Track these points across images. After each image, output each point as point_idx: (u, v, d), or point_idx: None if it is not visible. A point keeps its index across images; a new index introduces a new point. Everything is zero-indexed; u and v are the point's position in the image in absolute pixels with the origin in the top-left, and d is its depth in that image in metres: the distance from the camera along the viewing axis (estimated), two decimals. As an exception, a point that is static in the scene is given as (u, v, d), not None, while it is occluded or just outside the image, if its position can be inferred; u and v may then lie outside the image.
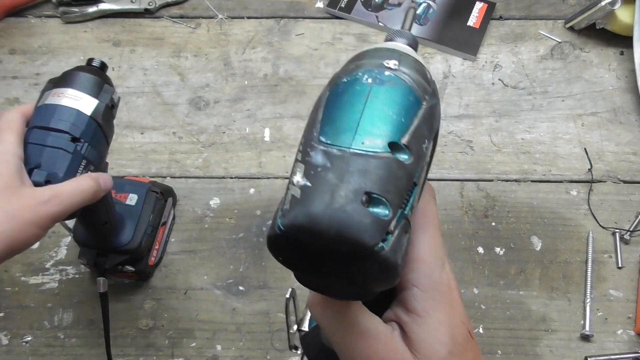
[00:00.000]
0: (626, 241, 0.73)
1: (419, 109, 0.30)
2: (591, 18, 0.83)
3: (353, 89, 0.30)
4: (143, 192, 0.69)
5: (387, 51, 0.31)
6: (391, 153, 0.27)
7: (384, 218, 0.26)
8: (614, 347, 0.68)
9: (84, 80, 0.52)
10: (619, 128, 0.80)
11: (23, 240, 0.46)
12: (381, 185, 0.27)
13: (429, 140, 0.30)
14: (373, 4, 0.89)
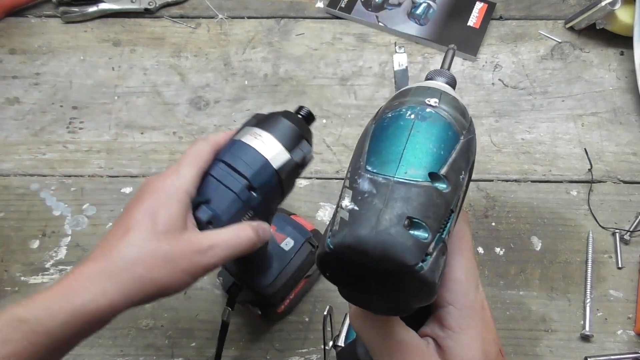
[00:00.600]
0: (626, 241, 0.73)
1: (457, 143, 0.33)
2: (591, 18, 0.83)
3: (397, 124, 0.33)
4: (300, 242, 0.65)
5: (428, 90, 0.35)
6: (431, 182, 0.30)
7: (424, 241, 0.29)
8: (613, 348, 0.68)
9: (286, 130, 0.50)
10: (619, 128, 0.80)
11: (174, 286, 0.44)
12: (421, 210, 0.30)
13: (465, 171, 0.33)
14: (373, 4, 0.89)
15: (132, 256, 0.42)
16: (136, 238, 0.43)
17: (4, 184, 0.78)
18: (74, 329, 0.40)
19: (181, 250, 0.43)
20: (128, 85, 0.84)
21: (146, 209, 0.44)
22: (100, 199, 0.77)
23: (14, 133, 0.81)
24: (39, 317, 0.39)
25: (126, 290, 0.41)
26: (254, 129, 0.50)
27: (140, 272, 0.42)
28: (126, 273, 0.42)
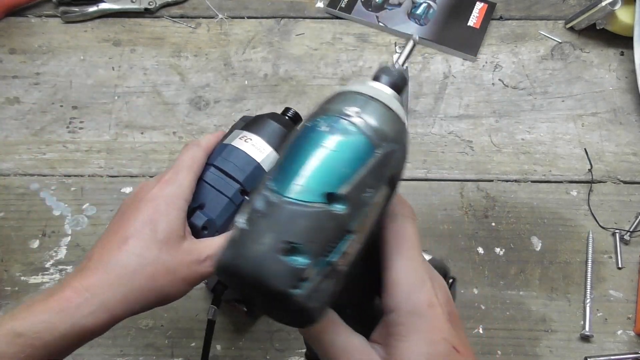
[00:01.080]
0: (626, 242, 0.73)
1: (370, 157, 0.30)
2: (591, 18, 0.83)
3: (308, 136, 0.31)
4: None
5: (353, 96, 0.32)
6: (326, 203, 0.29)
7: (299, 266, 0.28)
8: (613, 348, 0.68)
9: (274, 131, 0.50)
10: (619, 128, 0.80)
11: (174, 295, 0.45)
12: (303, 235, 0.28)
13: (375, 187, 0.31)
14: (373, 4, 0.89)
15: (132, 266, 0.42)
16: (136, 247, 0.43)
17: (4, 183, 0.78)
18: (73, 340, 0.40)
19: (181, 260, 0.44)
20: (128, 85, 0.84)
21: (145, 217, 0.44)
22: (100, 198, 0.77)
23: (14, 133, 0.81)
24: (37, 331, 0.39)
25: (126, 301, 0.41)
26: (243, 132, 0.50)
27: (141, 282, 0.42)
28: (127, 283, 0.42)
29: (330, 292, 0.30)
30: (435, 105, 0.82)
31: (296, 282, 0.28)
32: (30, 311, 0.40)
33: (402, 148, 0.32)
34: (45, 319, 0.39)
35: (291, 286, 0.28)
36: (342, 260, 0.30)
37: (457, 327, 0.36)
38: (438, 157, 0.79)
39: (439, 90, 0.83)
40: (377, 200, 0.31)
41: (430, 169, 0.78)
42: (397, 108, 0.33)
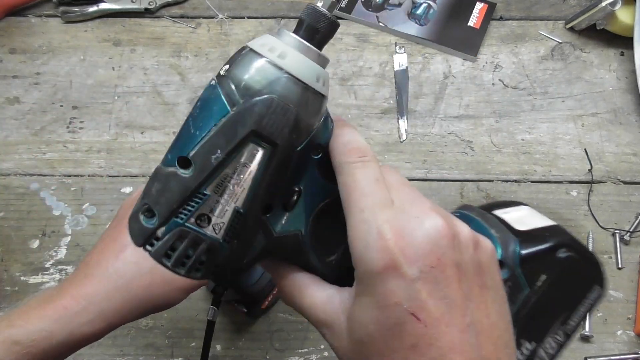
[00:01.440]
0: (626, 242, 0.73)
1: (223, 117, 0.29)
2: (592, 19, 0.83)
3: (202, 95, 0.31)
4: None
5: (246, 53, 0.30)
6: (176, 167, 0.30)
7: (149, 226, 0.30)
8: (613, 348, 0.68)
9: None
10: (619, 129, 0.80)
11: (169, 303, 0.45)
12: (154, 197, 0.30)
13: (223, 149, 0.29)
14: (373, 4, 0.89)
15: (129, 275, 0.42)
16: (133, 256, 0.43)
17: (4, 183, 0.78)
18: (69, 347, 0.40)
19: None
20: (128, 85, 0.84)
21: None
22: (100, 198, 0.77)
23: (14, 133, 0.81)
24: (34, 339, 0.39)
25: (123, 310, 0.42)
26: None
27: (137, 291, 0.42)
28: (123, 293, 0.42)
29: (200, 255, 0.30)
30: (435, 106, 0.82)
31: (148, 240, 0.30)
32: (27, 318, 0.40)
33: (279, 100, 0.29)
34: (43, 327, 0.40)
35: (143, 244, 0.30)
36: (201, 223, 0.30)
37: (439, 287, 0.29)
38: (438, 158, 0.79)
39: (439, 90, 0.83)
40: (241, 161, 0.29)
41: (430, 169, 0.78)
42: (277, 58, 0.29)
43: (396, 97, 0.83)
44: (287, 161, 0.30)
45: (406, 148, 0.79)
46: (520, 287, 0.37)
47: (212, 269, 0.31)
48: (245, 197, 0.30)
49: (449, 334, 0.29)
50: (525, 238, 0.38)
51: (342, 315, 0.32)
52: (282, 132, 0.29)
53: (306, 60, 0.30)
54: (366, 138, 0.79)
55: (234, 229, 0.30)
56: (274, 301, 0.69)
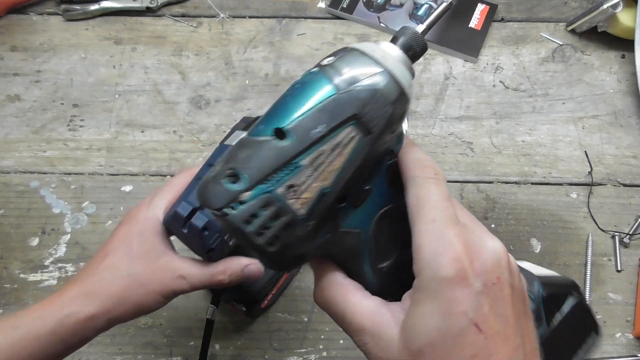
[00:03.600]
0: (625, 244, 0.73)
1: (327, 95, 0.31)
2: (593, 21, 0.83)
3: (300, 78, 0.32)
4: None
5: (348, 52, 0.33)
6: (272, 136, 0.30)
7: (235, 189, 0.30)
8: (612, 351, 0.68)
9: None
10: (620, 131, 0.80)
11: (148, 305, 0.49)
12: (244, 162, 0.30)
13: (329, 125, 0.31)
14: (375, 4, 0.89)
15: (108, 278, 0.48)
16: (112, 262, 0.48)
17: (4, 181, 0.78)
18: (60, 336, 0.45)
19: (153, 275, 0.48)
20: (129, 84, 0.84)
21: (122, 236, 0.50)
22: (100, 197, 0.77)
23: (14, 130, 0.81)
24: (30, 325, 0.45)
25: (104, 307, 0.47)
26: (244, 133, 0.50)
27: (115, 291, 0.47)
28: (103, 292, 0.47)
29: (279, 228, 0.31)
30: (435, 107, 0.82)
31: (230, 203, 0.30)
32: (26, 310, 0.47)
33: (381, 94, 0.31)
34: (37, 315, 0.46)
35: (225, 205, 0.30)
36: (288, 193, 0.30)
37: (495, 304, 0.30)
38: (438, 158, 0.79)
39: (439, 91, 0.83)
40: (338, 141, 0.31)
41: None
42: (381, 58, 0.32)
43: (397, 97, 0.83)
44: (374, 154, 0.32)
45: (406, 149, 0.79)
46: (541, 322, 0.39)
47: (282, 247, 0.31)
48: (334, 178, 0.31)
49: (504, 350, 0.30)
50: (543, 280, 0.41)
51: (394, 326, 0.32)
52: (378, 123, 0.31)
53: (403, 67, 0.33)
54: (366, 138, 0.79)
55: (317, 208, 0.31)
56: (273, 300, 0.69)
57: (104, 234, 0.74)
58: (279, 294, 0.70)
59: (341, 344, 0.68)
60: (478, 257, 0.31)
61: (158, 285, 0.48)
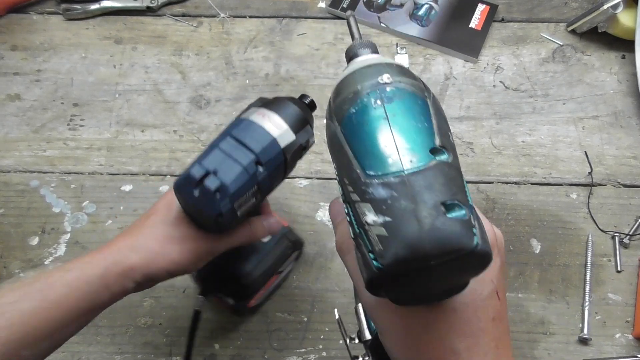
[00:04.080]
0: (625, 245, 0.73)
1: (428, 107, 0.31)
2: (593, 21, 0.83)
3: (369, 116, 0.31)
4: (278, 236, 0.65)
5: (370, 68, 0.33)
6: (435, 158, 0.29)
7: (465, 218, 0.28)
8: (611, 351, 0.68)
9: (292, 112, 0.51)
10: (620, 132, 0.80)
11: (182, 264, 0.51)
12: (448, 190, 0.29)
13: (449, 130, 0.32)
14: (375, 4, 0.89)
15: (149, 235, 0.51)
16: (154, 221, 0.52)
17: (4, 180, 0.78)
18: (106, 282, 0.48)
19: (189, 235, 0.51)
20: (129, 83, 0.84)
21: (167, 200, 0.53)
22: (100, 196, 0.77)
23: (14, 129, 0.81)
24: (82, 268, 0.49)
25: (143, 259, 0.50)
26: (261, 109, 0.51)
27: (154, 246, 0.50)
28: (143, 246, 0.50)
29: (485, 232, 0.30)
30: (436, 107, 0.82)
31: (472, 232, 0.28)
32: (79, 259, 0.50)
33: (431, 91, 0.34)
34: (88, 261, 0.49)
35: (471, 238, 0.28)
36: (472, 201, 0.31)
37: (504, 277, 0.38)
38: (438, 159, 0.79)
39: (440, 91, 0.83)
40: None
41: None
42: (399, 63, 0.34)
43: (397, 97, 0.83)
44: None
45: (406, 149, 0.79)
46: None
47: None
48: None
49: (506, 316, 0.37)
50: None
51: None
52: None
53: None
54: (366, 138, 0.79)
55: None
56: (262, 300, 0.69)
57: (104, 233, 0.74)
58: (267, 296, 0.70)
59: (341, 344, 0.68)
60: (498, 237, 0.37)
61: (193, 245, 0.51)
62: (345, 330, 0.53)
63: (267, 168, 0.49)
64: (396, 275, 0.29)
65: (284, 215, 0.75)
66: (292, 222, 0.75)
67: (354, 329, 0.46)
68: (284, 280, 0.71)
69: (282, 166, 0.51)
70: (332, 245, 0.73)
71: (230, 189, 0.47)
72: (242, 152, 0.48)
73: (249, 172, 0.48)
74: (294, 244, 0.68)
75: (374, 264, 0.29)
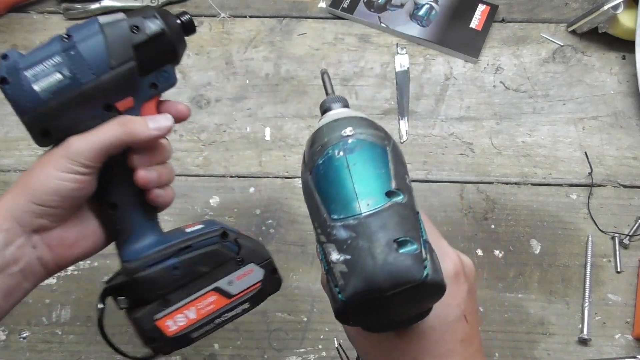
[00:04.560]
0: (625, 245, 0.73)
1: (387, 154, 0.36)
2: (593, 22, 0.83)
3: (332, 166, 0.35)
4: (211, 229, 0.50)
5: (337, 122, 0.38)
6: (390, 200, 0.33)
7: (416, 252, 0.32)
8: (611, 352, 0.68)
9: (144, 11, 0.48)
10: (620, 132, 0.80)
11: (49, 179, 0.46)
12: (400, 228, 0.32)
13: (407, 173, 0.36)
14: (375, 4, 0.89)
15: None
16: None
17: (4, 179, 0.78)
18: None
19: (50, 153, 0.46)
20: (129, 83, 0.84)
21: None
22: (100, 196, 0.77)
23: (14, 129, 0.81)
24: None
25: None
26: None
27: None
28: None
29: (438, 262, 0.34)
30: (436, 107, 0.82)
31: (422, 265, 0.32)
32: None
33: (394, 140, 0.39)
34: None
35: (423, 269, 0.32)
36: (427, 236, 0.35)
37: (473, 302, 0.40)
38: (438, 159, 0.79)
39: (440, 91, 0.83)
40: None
41: (430, 170, 0.78)
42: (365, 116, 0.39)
43: (397, 98, 0.83)
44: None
45: (406, 149, 0.79)
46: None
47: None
48: None
49: (478, 338, 0.40)
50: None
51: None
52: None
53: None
54: (367, 138, 0.79)
55: None
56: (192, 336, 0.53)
57: (104, 233, 0.74)
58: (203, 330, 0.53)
59: (340, 344, 0.68)
60: (466, 265, 0.41)
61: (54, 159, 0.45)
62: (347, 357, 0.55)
63: (76, 43, 0.44)
64: (358, 306, 0.32)
65: (284, 215, 0.75)
66: (292, 222, 0.75)
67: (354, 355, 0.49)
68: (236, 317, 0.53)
69: (101, 46, 0.45)
70: (332, 245, 0.73)
71: (14, 55, 0.44)
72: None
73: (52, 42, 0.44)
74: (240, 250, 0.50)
75: (338, 296, 0.33)
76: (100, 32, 0.45)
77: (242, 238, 0.52)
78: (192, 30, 0.49)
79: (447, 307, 0.38)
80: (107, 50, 0.45)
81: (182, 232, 0.50)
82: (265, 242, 0.74)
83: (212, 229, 0.50)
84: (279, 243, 0.74)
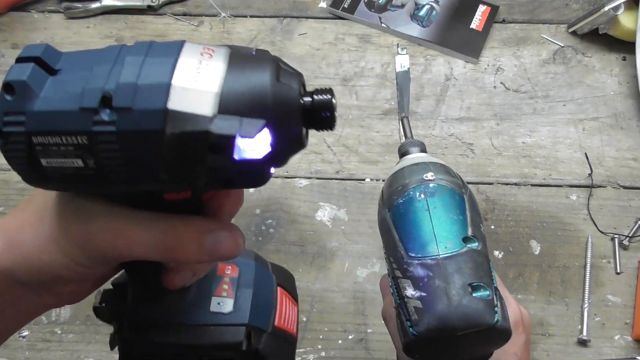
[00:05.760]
0: (625, 247, 0.73)
1: (464, 202, 0.38)
2: (594, 23, 0.83)
3: (413, 207, 0.37)
4: (236, 332, 0.38)
5: (417, 166, 0.40)
6: (466, 246, 0.35)
7: (489, 298, 0.34)
8: (611, 353, 0.68)
9: (252, 80, 0.28)
10: (620, 133, 0.80)
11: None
12: (475, 274, 0.34)
13: (482, 222, 0.38)
14: (376, 5, 0.89)
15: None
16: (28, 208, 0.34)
17: (4, 178, 0.78)
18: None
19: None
20: (130, 82, 0.84)
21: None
22: (99, 195, 0.77)
23: (14, 128, 0.81)
24: None
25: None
26: (220, 47, 0.33)
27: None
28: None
29: (506, 311, 0.36)
30: (436, 107, 0.82)
31: (493, 311, 0.34)
32: None
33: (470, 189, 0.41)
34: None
35: (494, 314, 0.34)
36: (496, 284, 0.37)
37: (527, 352, 0.43)
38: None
39: (440, 92, 0.83)
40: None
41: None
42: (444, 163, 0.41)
43: (397, 98, 0.83)
44: None
45: (407, 149, 0.79)
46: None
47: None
48: None
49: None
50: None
51: None
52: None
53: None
54: (367, 139, 0.79)
55: None
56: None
57: (104, 232, 0.74)
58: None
59: (340, 344, 0.68)
60: (525, 317, 0.43)
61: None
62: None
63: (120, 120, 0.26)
64: (428, 342, 0.34)
65: (283, 214, 0.75)
66: (292, 222, 0.75)
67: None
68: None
69: (153, 139, 0.26)
70: (331, 245, 0.73)
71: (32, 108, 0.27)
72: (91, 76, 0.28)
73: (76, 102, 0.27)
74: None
75: (410, 330, 0.35)
76: (160, 121, 0.27)
77: (274, 337, 0.40)
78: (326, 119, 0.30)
79: (506, 354, 0.40)
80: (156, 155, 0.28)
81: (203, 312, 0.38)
82: (265, 242, 0.74)
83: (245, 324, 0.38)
84: (279, 243, 0.74)
